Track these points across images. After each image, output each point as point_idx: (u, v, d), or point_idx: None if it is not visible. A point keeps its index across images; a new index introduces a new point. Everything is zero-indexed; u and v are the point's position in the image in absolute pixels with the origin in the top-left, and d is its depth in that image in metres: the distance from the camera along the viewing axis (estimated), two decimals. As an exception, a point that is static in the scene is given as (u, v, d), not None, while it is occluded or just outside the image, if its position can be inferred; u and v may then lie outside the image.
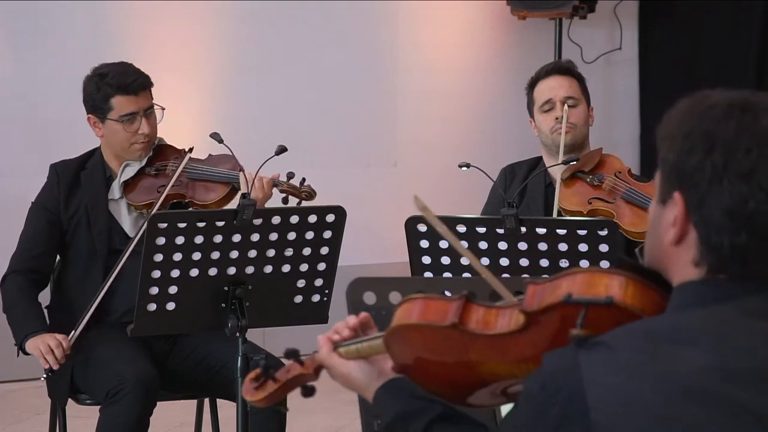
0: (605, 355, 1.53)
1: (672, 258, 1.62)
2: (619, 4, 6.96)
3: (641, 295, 1.61)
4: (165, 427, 5.02)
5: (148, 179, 3.77)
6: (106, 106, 3.72)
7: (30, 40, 5.76)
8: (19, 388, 5.54)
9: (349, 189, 5.93)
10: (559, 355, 1.55)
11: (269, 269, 3.34)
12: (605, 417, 1.50)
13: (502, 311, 1.69)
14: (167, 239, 3.21)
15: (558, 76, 3.90)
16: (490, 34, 6.77)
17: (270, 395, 1.93)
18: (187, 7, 6.03)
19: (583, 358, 1.53)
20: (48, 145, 5.50)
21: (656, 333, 1.56)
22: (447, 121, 6.61)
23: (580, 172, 3.86)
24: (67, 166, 3.81)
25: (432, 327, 1.72)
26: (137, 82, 3.72)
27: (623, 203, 3.78)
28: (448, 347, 1.71)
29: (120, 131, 3.72)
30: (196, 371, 3.72)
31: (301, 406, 5.52)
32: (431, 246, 3.37)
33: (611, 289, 1.60)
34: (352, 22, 6.40)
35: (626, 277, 1.62)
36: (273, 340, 5.57)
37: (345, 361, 1.89)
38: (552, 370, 1.54)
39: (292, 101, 6.28)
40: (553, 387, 1.53)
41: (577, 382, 1.51)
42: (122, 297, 3.71)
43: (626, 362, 1.52)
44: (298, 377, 1.94)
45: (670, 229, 1.61)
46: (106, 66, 3.77)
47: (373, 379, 1.86)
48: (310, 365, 1.93)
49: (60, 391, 3.72)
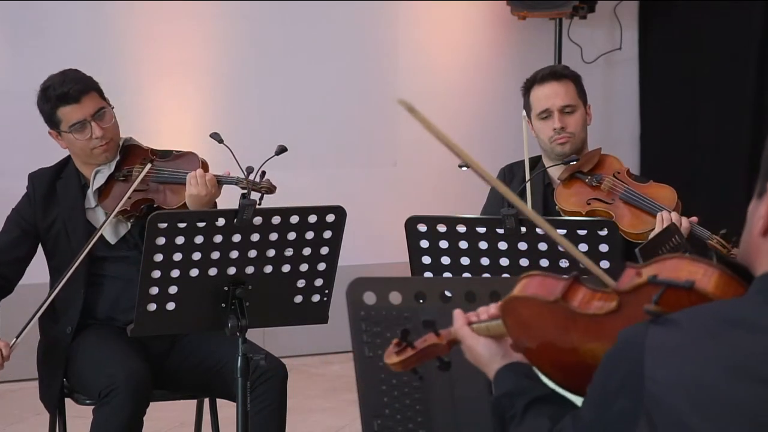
0: (672, 332, 1.59)
1: (760, 248, 1.67)
2: (619, 4, 6.96)
3: (724, 285, 1.67)
4: (165, 427, 5.02)
5: (119, 185, 3.74)
6: (56, 119, 3.70)
7: (30, 40, 5.77)
8: (19, 388, 5.54)
9: (349, 189, 5.94)
10: (630, 329, 1.64)
11: (269, 269, 3.34)
12: (660, 388, 1.57)
13: (602, 294, 1.78)
14: (167, 239, 3.21)
15: (553, 83, 3.87)
16: (490, 34, 6.77)
17: (406, 360, 2.07)
18: (187, 7, 6.03)
19: (651, 331, 1.60)
20: (48, 145, 5.50)
21: (725, 315, 1.60)
22: (447, 121, 6.60)
23: (579, 172, 3.87)
24: (42, 177, 3.79)
25: (539, 301, 1.82)
26: (75, 89, 3.67)
27: (621, 204, 3.78)
28: (552, 324, 1.81)
29: (75, 140, 3.70)
30: (196, 371, 3.72)
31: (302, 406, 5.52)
32: (431, 246, 3.37)
33: (695, 275, 1.67)
34: (352, 22, 6.40)
35: (713, 266, 1.69)
36: (273, 340, 5.57)
37: (476, 335, 1.99)
38: (622, 340, 1.63)
39: (292, 101, 6.28)
40: (620, 355, 1.62)
41: (639, 353, 1.59)
42: (106, 300, 3.72)
43: (691, 340, 1.58)
44: (432, 347, 2.05)
45: (760, 220, 1.67)
46: (50, 78, 3.74)
47: (497, 357, 1.96)
48: (445, 336, 2.05)
49: (50, 397, 3.72)
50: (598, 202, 3.79)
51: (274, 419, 3.59)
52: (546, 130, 3.87)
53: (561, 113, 3.85)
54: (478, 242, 3.34)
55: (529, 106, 3.92)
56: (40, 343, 3.83)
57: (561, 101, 3.85)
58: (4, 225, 3.81)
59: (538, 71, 3.96)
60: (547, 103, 3.86)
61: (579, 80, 3.94)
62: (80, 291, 3.71)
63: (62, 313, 3.71)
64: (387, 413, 2.39)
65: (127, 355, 3.59)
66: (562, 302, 1.78)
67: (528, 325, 1.86)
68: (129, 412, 3.47)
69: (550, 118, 3.86)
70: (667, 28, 7.08)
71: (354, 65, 6.42)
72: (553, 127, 3.84)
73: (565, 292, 1.79)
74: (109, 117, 3.72)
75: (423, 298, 2.41)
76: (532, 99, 3.90)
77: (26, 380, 5.38)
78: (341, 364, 6.11)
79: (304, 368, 6.00)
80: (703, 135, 7.05)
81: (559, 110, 3.85)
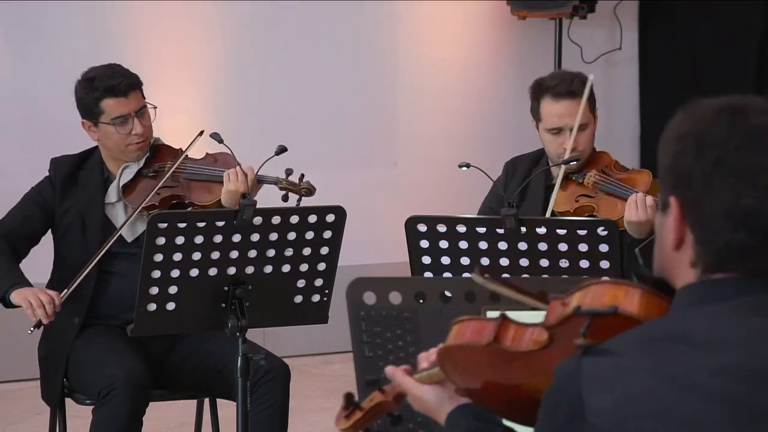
0: (606, 360, 1.56)
1: (674, 263, 1.64)
2: (619, 4, 6.95)
3: (647, 303, 1.64)
4: (165, 427, 5.02)
5: (147, 181, 3.76)
6: (97, 110, 3.71)
7: (30, 40, 5.76)
8: (19, 388, 5.54)
9: (349, 189, 5.93)
10: (565, 363, 1.60)
11: (269, 269, 3.34)
12: (603, 420, 1.53)
13: (531, 329, 1.75)
14: (167, 239, 3.21)
15: (568, 101, 3.78)
16: (490, 34, 6.77)
17: (356, 422, 2.07)
18: (187, 7, 6.03)
19: (585, 364, 1.57)
20: (48, 145, 5.48)
21: (655, 334, 1.58)
22: (447, 121, 6.61)
23: (571, 173, 3.85)
24: (65, 163, 3.79)
25: (472, 347, 1.80)
26: (124, 83, 3.70)
27: (603, 195, 3.78)
28: (490, 365, 1.79)
29: (114, 134, 3.71)
30: (196, 371, 3.72)
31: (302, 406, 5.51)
32: (431, 246, 3.37)
33: (617, 299, 1.65)
34: (352, 22, 6.39)
35: (634, 287, 1.66)
36: (273, 340, 5.57)
37: (419, 385, 1.96)
38: (558, 377, 1.60)
39: (292, 101, 6.28)
40: (560, 392, 1.58)
41: (576, 387, 1.56)
42: (111, 296, 3.72)
43: (626, 365, 1.55)
44: (379, 405, 2.06)
45: (670, 234, 1.63)
46: (94, 69, 3.76)
47: (444, 402, 1.92)
48: (390, 392, 2.04)
49: (52, 395, 3.72)
50: (584, 197, 3.79)
51: (276, 420, 3.59)
52: (555, 145, 3.82)
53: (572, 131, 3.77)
54: (478, 242, 3.34)
55: (538, 115, 3.86)
56: (42, 339, 3.81)
57: (575, 121, 3.77)
58: (20, 201, 3.80)
59: (550, 79, 3.87)
60: (560, 122, 3.79)
61: (591, 90, 3.83)
62: (90, 284, 3.70)
63: (71, 302, 3.69)
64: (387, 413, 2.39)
65: (127, 355, 3.58)
66: (495, 344, 1.75)
67: (467, 370, 1.84)
68: (128, 412, 3.47)
69: (560, 134, 3.81)
70: (667, 28, 7.08)
71: (354, 65, 6.42)
72: (563, 146, 3.78)
73: (497, 333, 1.76)
74: (149, 116, 3.76)
75: (423, 298, 2.41)
76: (543, 112, 3.83)
77: (26, 380, 5.38)
78: (341, 364, 6.10)
79: (304, 368, 6.00)
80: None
81: (571, 128, 3.77)
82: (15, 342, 5.54)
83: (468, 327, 1.83)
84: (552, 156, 3.87)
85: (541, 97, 3.84)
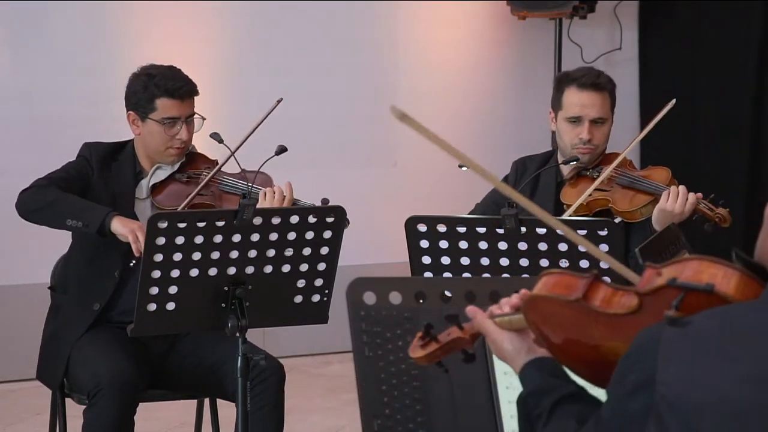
0: (687, 335, 1.59)
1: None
2: (619, 4, 6.96)
3: (744, 287, 1.67)
4: (165, 427, 5.02)
5: (178, 185, 3.78)
6: (150, 106, 3.73)
7: (30, 40, 5.77)
8: (19, 388, 5.55)
9: (349, 189, 5.94)
10: (647, 331, 1.64)
11: (269, 269, 3.34)
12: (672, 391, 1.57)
13: (622, 292, 1.78)
14: (167, 239, 3.21)
15: (592, 93, 3.86)
16: (490, 34, 6.77)
17: (430, 354, 2.08)
18: (187, 7, 6.03)
19: (666, 335, 1.60)
20: (48, 145, 5.51)
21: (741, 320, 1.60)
22: (447, 121, 6.60)
23: (584, 170, 3.91)
24: (99, 148, 3.80)
25: (560, 300, 1.83)
26: (185, 88, 3.75)
27: (618, 188, 3.85)
28: (572, 322, 1.82)
29: (159, 133, 3.73)
30: (196, 371, 3.72)
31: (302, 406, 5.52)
32: (431, 246, 3.37)
33: (715, 278, 1.67)
34: (352, 22, 6.40)
35: (733, 268, 1.69)
36: (273, 340, 5.58)
37: (500, 330, 1.98)
38: (637, 343, 1.64)
39: (292, 101, 6.27)
40: (634, 357, 1.63)
41: (652, 356, 1.60)
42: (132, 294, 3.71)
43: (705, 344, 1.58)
44: (456, 340, 2.06)
45: None
46: (156, 67, 3.79)
47: (522, 352, 1.95)
48: (468, 330, 2.06)
49: (50, 376, 3.73)
50: (598, 191, 3.83)
51: (271, 420, 3.59)
52: (571, 135, 3.88)
53: (591, 124, 3.85)
54: (478, 242, 3.34)
55: (559, 104, 3.92)
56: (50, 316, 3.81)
57: (595, 113, 3.85)
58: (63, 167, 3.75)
59: (578, 71, 3.95)
60: (581, 111, 3.86)
61: (614, 91, 3.94)
62: (115, 272, 3.71)
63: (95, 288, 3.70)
64: (387, 413, 2.39)
65: (116, 355, 3.57)
66: (583, 302, 1.79)
67: (549, 322, 1.87)
68: (116, 412, 3.46)
69: (578, 125, 3.86)
70: (667, 28, 7.08)
71: (354, 65, 6.42)
72: (579, 135, 3.85)
73: (586, 291, 1.79)
74: (195, 125, 3.79)
75: (423, 298, 2.41)
76: (565, 100, 3.89)
77: (26, 380, 5.38)
78: (341, 364, 6.11)
79: (304, 368, 6.00)
80: (703, 135, 7.05)
81: (591, 121, 3.85)
82: (15, 342, 5.56)
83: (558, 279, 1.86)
84: (565, 147, 3.90)
85: (566, 87, 3.90)
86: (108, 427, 3.46)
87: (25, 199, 3.66)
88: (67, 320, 3.73)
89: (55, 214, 3.59)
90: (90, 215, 3.56)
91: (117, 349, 3.60)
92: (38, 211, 3.63)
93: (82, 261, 3.77)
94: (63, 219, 3.57)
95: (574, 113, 3.87)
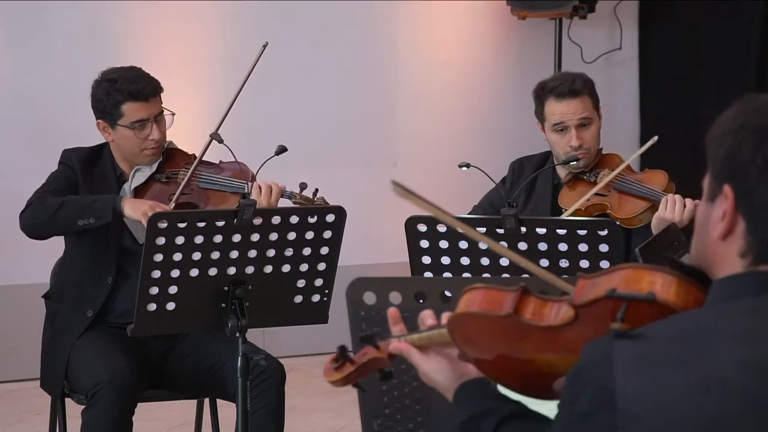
0: (640, 347, 1.55)
1: (718, 253, 1.64)
2: (619, 4, 6.95)
3: (684, 293, 1.64)
4: (165, 427, 5.02)
5: (159, 186, 3.76)
6: (116, 112, 3.69)
7: (30, 40, 5.76)
8: (19, 388, 5.54)
9: (349, 189, 5.93)
10: (595, 346, 1.58)
11: (269, 269, 3.34)
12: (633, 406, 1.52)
13: (554, 304, 1.72)
14: (167, 239, 3.21)
15: (572, 100, 3.87)
16: (490, 33, 6.77)
17: (346, 377, 2.01)
18: (187, 7, 6.03)
19: (617, 349, 1.55)
20: (48, 145, 5.49)
21: (693, 326, 1.57)
22: (447, 121, 6.60)
23: (581, 173, 3.90)
24: (80, 154, 3.77)
25: (488, 316, 1.75)
26: (148, 88, 3.71)
27: (616, 193, 3.85)
28: (503, 337, 1.75)
29: (131, 137, 3.71)
30: (196, 371, 3.72)
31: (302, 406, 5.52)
32: (431, 246, 3.37)
33: (654, 286, 1.63)
34: (352, 22, 6.39)
35: (670, 274, 1.65)
36: (273, 340, 5.58)
37: (428, 359, 1.91)
38: (586, 360, 1.58)
39: (292, 101, 6.28)
40: (586, 375, 1.56)
41: (607, 372, 1.54)
42: (128, 296, 3.71)
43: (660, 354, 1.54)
44: (372, 360, 2.00)
45: (718, 224, 1.64)
46: (116, 71, 3.74)
47: (454, 381, 1.88)
48: (385, 349, 1.98)
49: (51, 384, 3.73)
50: (596, 196, 3.83)
51: (271, 420, 3.59)
52: (561, 144, 3.88)
53: (578, 128, 3.85)
54: (478, 242, 3.34)
55: (542, 116, 3.92)
56: (47, 322, 3.81)
57: (578, 117, 3.86)
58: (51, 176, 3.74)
59: (553, 81, 3.94)
60: (564, 118, 3.86)
61: (593, 90, 3.94)
62: (108, 278, 3.70)
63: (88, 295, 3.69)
64: (387, 413, 2.39)
65: (114, 356, 3.57)
66: (515, 316, 1.71)
67: (478, 340, 1.79)
68: (114, 413, 3.46)
69: (566, 133, 3.87)
70: (667, 28, 7.08)
71: (354, 65, 6.42)
72: (570, 144, 3.85)
73: (516, 305, 1.72)
74: (166, 122, 3.76)
75: (423, 298, 2.41)
76: (547, 111, 3.90)
77: (26, 380, 5.39)
78: (341, 364, 6.10)
79: (304, 368, 6.00)
80: (703, 135, 7.02)
81: (576, 126, 3.86)
82: (15, 342, 5.56)
83: (484, 295, 1.78)
84: (558, 156, 3.91)
85: (545, 99, 3.91)
86: (106, 427, 3.45)
87: (29, 215, 3.65)
88: (64, 327, 3.73)
89: (64, 219, 3.59)
90: (98, 208, 3.56)
91: (116, 349, 3.60)
92: (46, 223, 3.62)
93: (75, 268, 3.76)
94: (73, 221, 3.57)
95: (557, 120, 3.87)
